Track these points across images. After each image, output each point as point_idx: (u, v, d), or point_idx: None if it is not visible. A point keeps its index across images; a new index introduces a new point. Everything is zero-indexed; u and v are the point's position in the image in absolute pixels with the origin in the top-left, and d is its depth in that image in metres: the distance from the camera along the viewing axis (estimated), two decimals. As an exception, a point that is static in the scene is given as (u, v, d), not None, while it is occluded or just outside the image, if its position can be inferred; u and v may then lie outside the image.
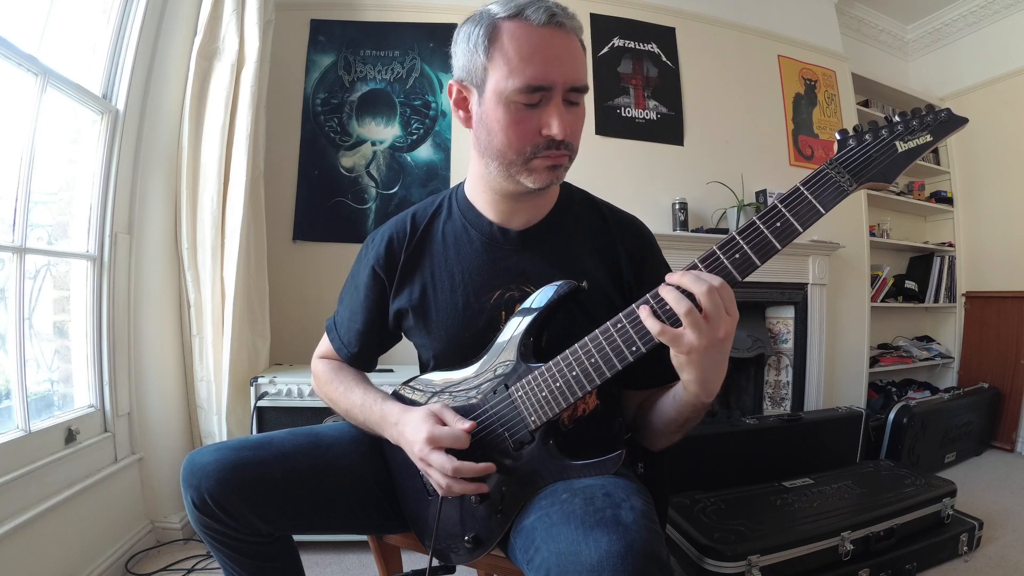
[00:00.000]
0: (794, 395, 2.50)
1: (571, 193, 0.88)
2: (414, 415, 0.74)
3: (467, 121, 0.76)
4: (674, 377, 0.73)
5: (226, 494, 0.73)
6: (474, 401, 0.75)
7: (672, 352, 0.61)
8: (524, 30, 0.67)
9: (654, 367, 0.75)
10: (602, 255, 0.82)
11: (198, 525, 0.77)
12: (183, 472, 0.76)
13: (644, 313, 0.61)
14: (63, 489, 1.33)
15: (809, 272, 2.48)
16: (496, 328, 0.77)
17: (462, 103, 0.75)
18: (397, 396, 0.85)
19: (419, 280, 0.83)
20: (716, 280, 0.58)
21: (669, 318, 0.60)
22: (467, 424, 0.70)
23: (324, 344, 0.96)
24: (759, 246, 0.59)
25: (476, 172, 0.81)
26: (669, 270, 0.84)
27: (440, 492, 0.71)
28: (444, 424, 0.71)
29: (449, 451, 0.69)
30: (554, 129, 0.68)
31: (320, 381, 0.93)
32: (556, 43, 0.68)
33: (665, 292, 0.60)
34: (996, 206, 3.02)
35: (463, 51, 0.72)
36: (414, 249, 0.84)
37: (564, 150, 0.71)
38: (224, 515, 0.74)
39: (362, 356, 0.91)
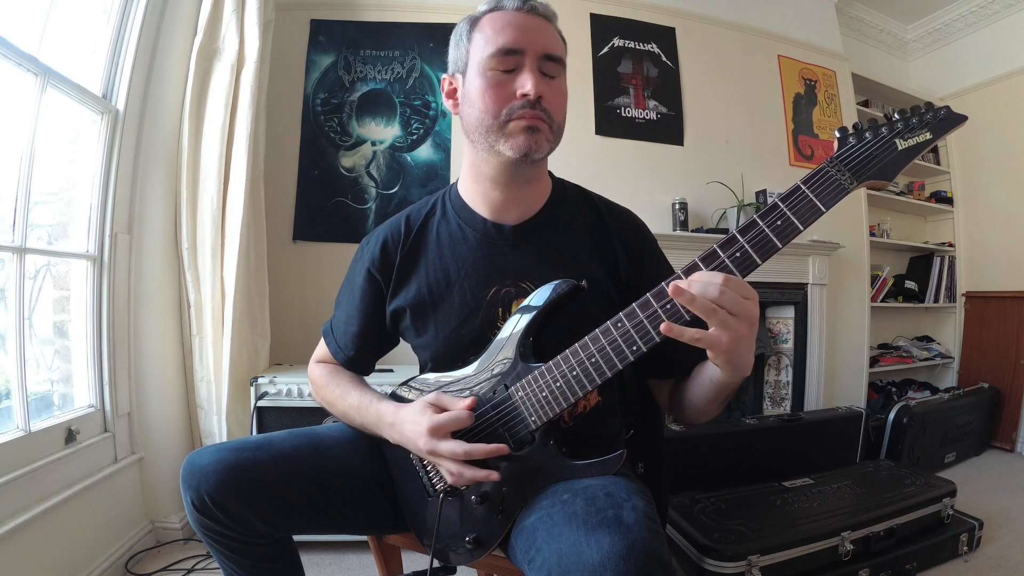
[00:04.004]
0: (794, 395, 2.50)
1: (564, 187, 0.88)
2: (409, 411, 0.74)
3: (455, 108, 0.80)
4: (695, 360, 0.75)
5: (225, 495, 0.73)
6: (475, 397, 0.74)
7: (711, 354, 0.61)
8: (500, 13, 0.75)
9: (675, 356, 0.76)
10: (598, 249, 0.82)
11: (198, 526, 0.77)
12: (182, 473, 0.76)
13: (671, 328, 0.59)
14: (63, 489, 1.33)
15: (809, 272, 2.49)
16: (493, 325, 0.78)
17: (452, 93, 0.80)
18: (394, 397, 0.84)
19: (415, 280, 0.83)
20: (719, 277, 0.57)
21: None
22: (466, 402, 0.70)
23: (321, 349, 0.96)
24: (760, 244, 0.59)
25: (467, 162, 0.83)
26: (667, 262, 0.86)
27: (451, 481, 0.71)
28: (443, 410, 0.71)
29: (456, 437, 0.69)
30: (527, 86, 0.71)
31: (317, 386, 0.93)
32: (529, 20, 0.74)
33: (685, 302, 0.58)
34: (996, 206, 3.02)
35: (452, 46, 0.80)
36: (409, 249, 0.84)
37: (540, 112, 0.72)
38: (224, 516, 0.74)
39: (358, 359, 0.91)
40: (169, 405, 1.75)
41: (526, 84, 0.71)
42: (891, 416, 2.26)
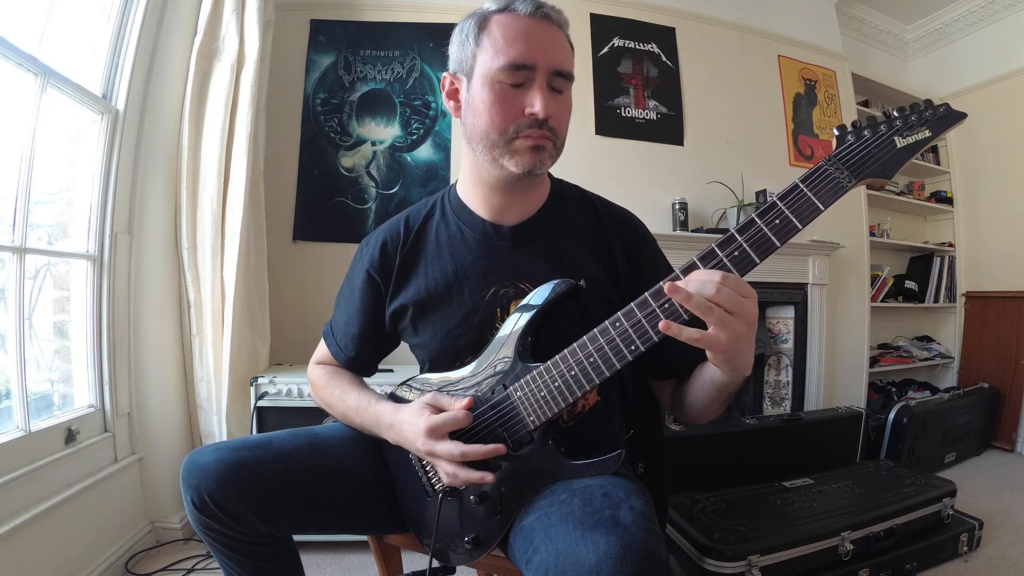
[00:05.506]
0: (794, 395, 2.50)
1: (563, 188, 0.88)
2: (407, 412, 0.74)
3: (456, 110, 0.78)
4: (695, 361, 0.74)
5: (226, 494, 0.73)
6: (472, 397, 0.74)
7: (710, 355, 0.60)
8: (511, 18, 0.71)
9: (675, 357, 0.76)
10: (596, 249, 0.82)
11: (198, 525, 0.77)
12: (183, 472, 0.76)
13: (669, 327, 0.58)
14: (63, 489, 1.33)
15: (809, 272, 2.49)
16: (492, 325, 0.78)
17: (453, 94, 0.78)
18: (393, 397, 0.84)
19: (414, 281, 0.83)
20: (717, 275, 0.57)
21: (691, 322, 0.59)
22: (463, 401, 0.70)
23: (321, 350, 0.96)
24: (758, 243, 0.59)
25: (467, 166, 0.82)
26: (667, 262, 0.86)
27: (447, 481, 0.71)
28: (440, 411, 0.71)
29: (454, 437, 0.69)
30: (536, 106, 0.69)
31: (316, 387, 0.93)
32: (541, 30, 0.71)
33: (681, 300, 0.58)
34: (996, 206, 3.02)
35: (456, 43, 0.76)
36: (408, 251, 0.84)
37: (547, 131, 0.71)
38: (224, 515, 0.74)
39: (359, 360, 0.91)
40: (169, 405, 1.75)
41: (535, 104, 0.69)
42: (891, 416, 2.25)
